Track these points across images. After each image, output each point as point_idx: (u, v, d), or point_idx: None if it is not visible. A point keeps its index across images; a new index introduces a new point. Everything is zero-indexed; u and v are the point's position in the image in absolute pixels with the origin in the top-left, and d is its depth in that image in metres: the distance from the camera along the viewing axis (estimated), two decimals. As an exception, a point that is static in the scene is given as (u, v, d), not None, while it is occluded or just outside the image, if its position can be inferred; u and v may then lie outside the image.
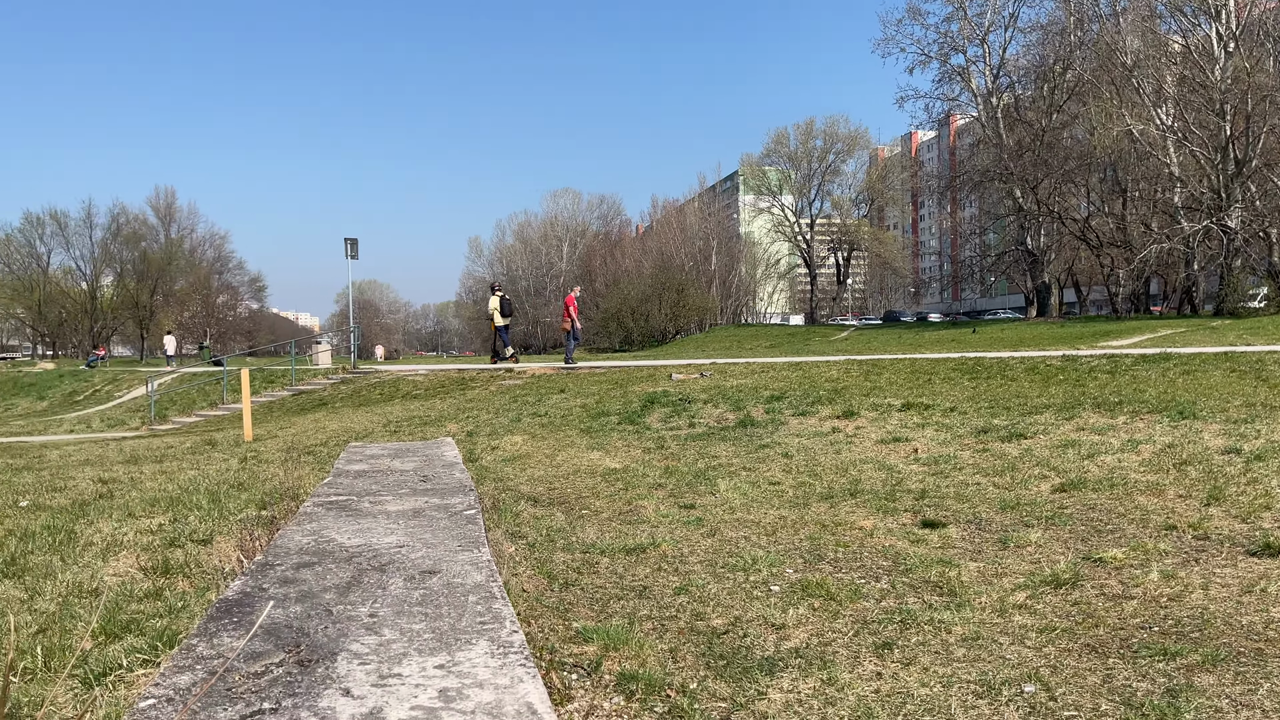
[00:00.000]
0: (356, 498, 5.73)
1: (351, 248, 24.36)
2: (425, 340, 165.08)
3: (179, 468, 9.51)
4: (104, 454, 11.99)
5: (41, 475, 9.27)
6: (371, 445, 9.99)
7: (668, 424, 10.60)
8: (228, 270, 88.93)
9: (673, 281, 67.04)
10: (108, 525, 6.33)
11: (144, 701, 2.27)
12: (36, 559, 5.40)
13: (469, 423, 12.06)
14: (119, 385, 33.09)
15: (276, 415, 19.11)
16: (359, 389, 20.99)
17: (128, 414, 25.00)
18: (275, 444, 11.65)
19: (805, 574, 4.66)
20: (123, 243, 77.64)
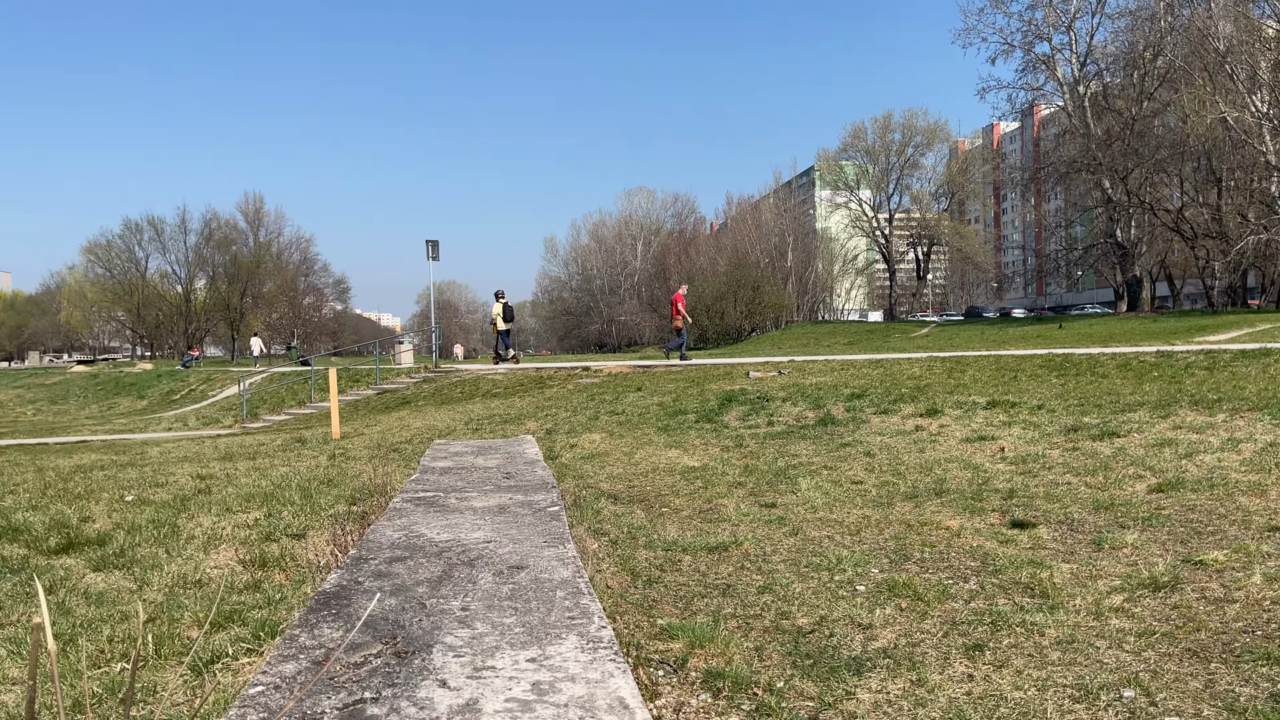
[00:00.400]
0: (443, 494, 5.85)
1: (433, 249, 24.82)
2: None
3: (271, 464, 9.81)
4: (200, 451, 12.42)
5: (144, 471, 9.65)
6: (455, 443, 10.17)
7: (746, 422, 10.56)
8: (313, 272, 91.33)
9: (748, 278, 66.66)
10: (207, 519, 6.57)
11: (253, 689, 2.36)
12: (143, 551, 5.64)
13: (548, 420, 12.19)
14: (212, 385, 34.28)
15: (362, 413, 19.59)
16: (440, 387, 21.38)
17: (221, 412, 25.89)
18: (362, 441, 11.93)
19: (891, 574, 4.60)
20: (215, 247, 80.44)
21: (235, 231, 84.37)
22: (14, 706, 3.20)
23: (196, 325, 79.96)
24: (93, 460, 11.55)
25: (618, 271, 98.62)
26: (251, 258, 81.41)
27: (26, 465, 11.27)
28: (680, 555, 5.11)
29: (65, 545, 5.88)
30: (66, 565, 5.40)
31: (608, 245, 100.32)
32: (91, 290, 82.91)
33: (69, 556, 5.66)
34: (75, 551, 5.75)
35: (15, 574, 5.18)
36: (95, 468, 10.44)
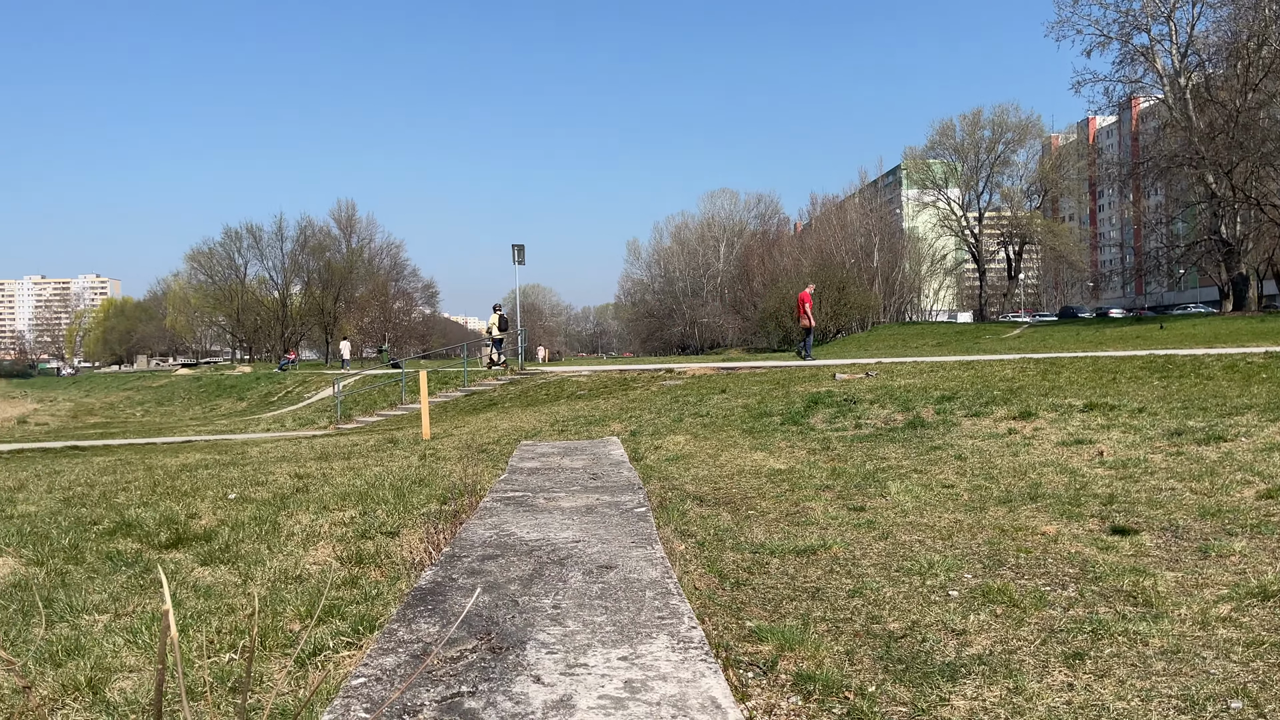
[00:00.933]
0: (531, 494, 5.93)
1: (518, 253, 25.17)
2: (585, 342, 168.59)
3: (365, 464, 10.07)
4: (297, 451, 12.82)
5: (245, 470, 10.01)
6: (541, 444, 10.30)
7: (833, 425, 10.44)
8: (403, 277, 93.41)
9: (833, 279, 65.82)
10: (306, 517, 6.79)
11: (355, 680, 2.44)
12: (246, 547, 5.86)
13: (632, 422, 12.24)
14: (308, 387, 35.36)
15: (451, 415, 19.97)
16: (526, 389, 21.66)
17: (316, 413, 26.69)
18: (451, 442, 12.16)
19: (985, 579, 4.50)
20: (309, 253, 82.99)
21: (329, 238, 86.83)
22: (131, 692, 3.37)
23: (292, 329, 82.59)
24: (197, 459, 12.02)
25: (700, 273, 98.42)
26: (344, 263, 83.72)
27: (137, 464, 11.80)
28: (768, 558, 5.08)
29: (175, 540, 6.14)
30: (176, 559, 5.65)
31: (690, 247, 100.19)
32: (194, 296, 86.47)
33: (178, 551, 5.91)
34: (184, 546, 6.01)
35: (130, 567, 5.43)
36: (200, 467, 10.86)
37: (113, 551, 5.87)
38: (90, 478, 10.18)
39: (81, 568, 5.49)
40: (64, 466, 12.00)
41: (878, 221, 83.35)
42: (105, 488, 9.05)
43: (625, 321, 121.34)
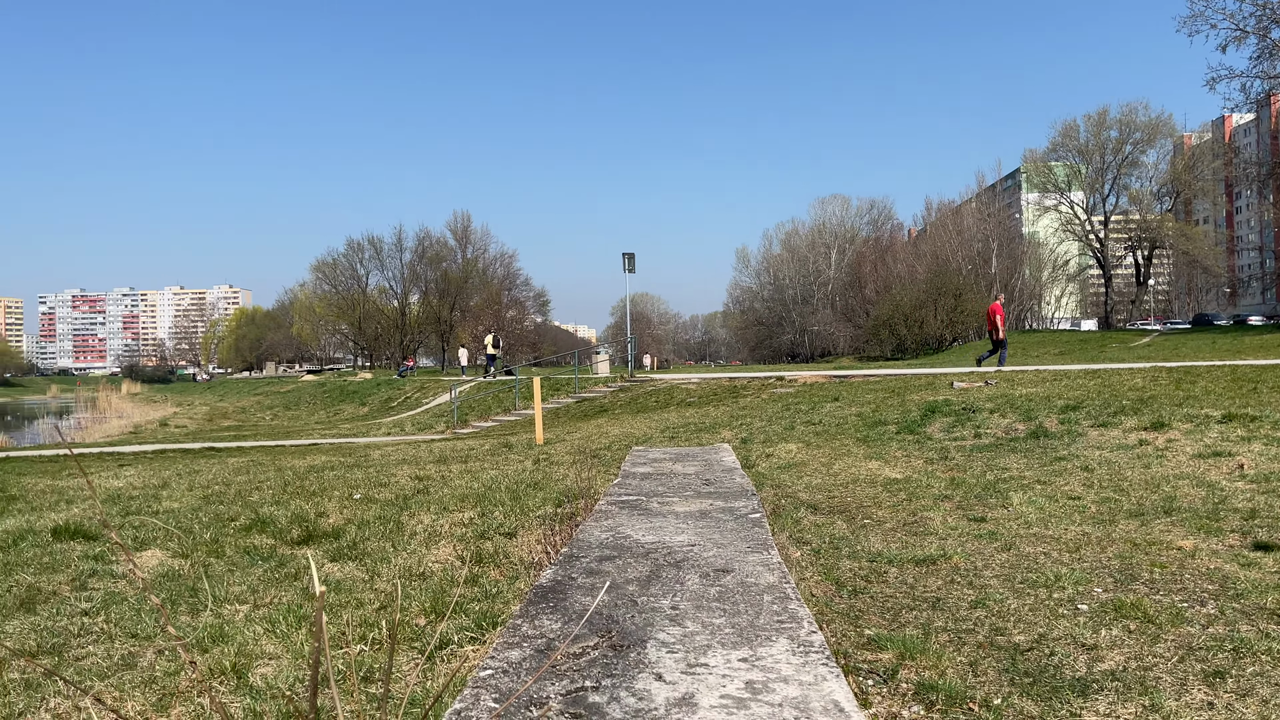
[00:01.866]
0: (645, 498, 5.99)
1: (629, 262, 25.39)
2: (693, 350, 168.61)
3: (481, 467, 10.32)
4: (417, 454, 13.23)
5: (369, 472, 10.38)
6: (653, 450, 10.36)
7: (951, 434, 10.18)
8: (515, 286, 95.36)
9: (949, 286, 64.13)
10: (427, 517, 7.00)
11: (483, 671, 2.52)
12: (372, 545, 6.09)
13: (742, 430, 12.20)
14: (425, 393, 36.40)
15: (562, 420, 20.27)
16: (636, 396, 21.81)
17: (434, 418, 27.45)
18: (564, 447, 12.34)
19: (1116, 594, 4.33)
20: (427, 264, 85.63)
21: (445, 249, 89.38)
22: (272, 677, 3.54)
23: (410, 337, 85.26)
24: (323, 461, 12.54)
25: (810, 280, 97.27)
26: (460, 273, 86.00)
27: (268, 465, 12.38)
28: (885, 567, 5.00)
29: (305, 537, 6.43)
30: (307, 555, 5.90)
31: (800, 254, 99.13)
32: (319, 305, 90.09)
33: (309, 548, 6.18)
34: (314, 543, 6.28)
35: (265, 561, 5.71)
36: (326, 468, 11.32)
37: (250, 546, 6.18)
38: (226, 477, 10.72)
39: (222, 561, 5.80)
40: (202, 466, 12.68)
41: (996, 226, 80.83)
42: (240, 487, 9.53)
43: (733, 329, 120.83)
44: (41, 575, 5.46)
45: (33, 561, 5.85)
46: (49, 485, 10.42)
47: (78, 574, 5.45)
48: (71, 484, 10.48)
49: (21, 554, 6.10)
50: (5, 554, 6.15)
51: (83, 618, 4.53)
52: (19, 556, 6.02)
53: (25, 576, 5.41)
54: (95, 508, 8.14)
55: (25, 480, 11.18)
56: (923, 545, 5.47)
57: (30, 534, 6.83)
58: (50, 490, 9.87)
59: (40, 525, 7.23)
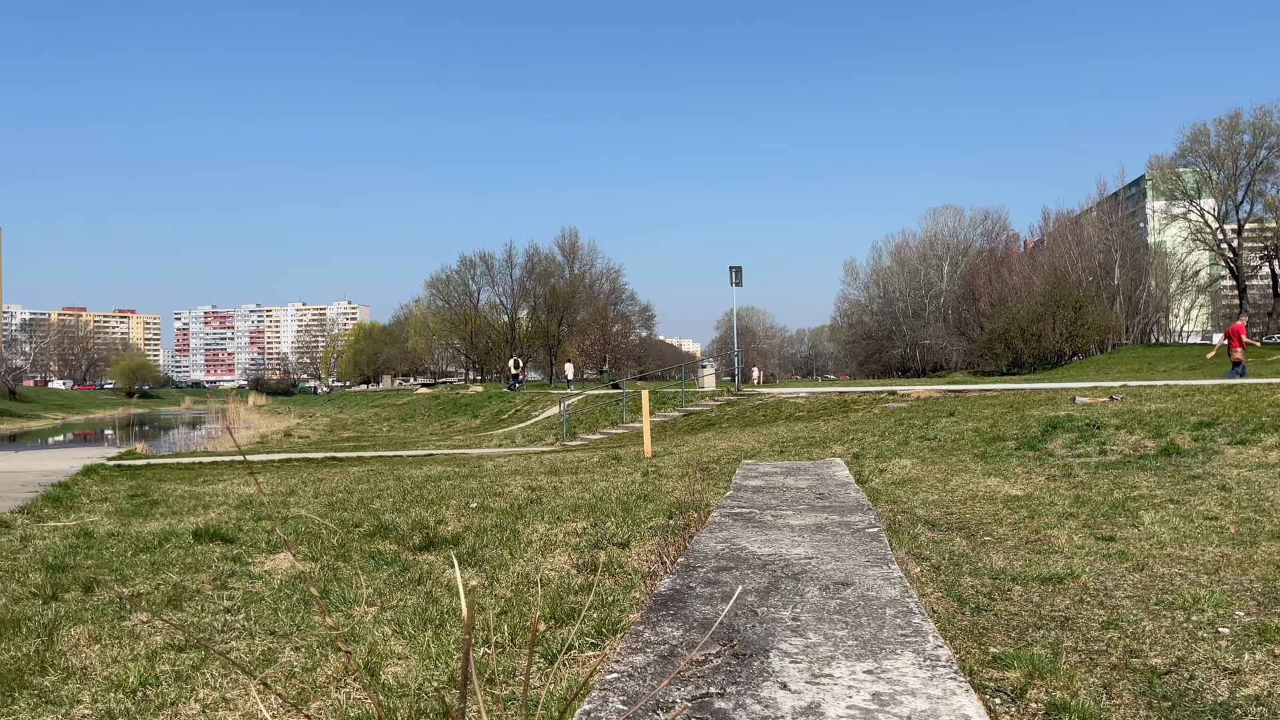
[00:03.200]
0: (759, 510, 5.97)
1: (736, 275, 25.33)
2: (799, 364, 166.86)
3: (591, 479, 10.45)
4: (528, 465, 13.47)
5: (483, 482, 10.63)
6: (763, 463, 10.31)
7: (1074, 450, 9.82)
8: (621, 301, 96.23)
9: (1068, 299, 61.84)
10: (541, 526, 7.14)
11: (609, 675, 2.57)
12: (490, 552, 6.24)
13: (854, 444, 12.03)
14: (535, 406, 37.04)
15: (670, 434, 20.33)
16: (743, 410, 21.72)
17: (543, 431, 27.89)
18: (672, 460, 12.39)
19: (1260, 617, 4.10)
20: (536, 279, 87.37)
21: (553, 265, 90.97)
22: (403, 675, 3.67)
23: (520, 351, 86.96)
24: (439, 472, 12.89)
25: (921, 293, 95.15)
26: (567, 288, 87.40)
27: (387, 474, 12.80)
28: (1009, 584, 4.86)
29: (426, 544, 6.63)
30: (429, 561, 6.10)
31: (911, 266, 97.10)
32: (433, 320, 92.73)
33: (429, 554, 6.38)
34: (435, 550, 6.47)
35: (390, 566, 5.92)
36: (442, 478, 11.65)
37: (374, 551, 6.41)
38: (348, 485, 11.14)
39: (349, 565, 6.03)
40: (325, 475, 13.19)
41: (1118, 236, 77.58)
42: (362, 495, 9.89)
43: (841, 344, 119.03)
44: (186, 574, 5.78)
45: (177, 561, 6.20)
46: (187, 491, 11.01)
47: (218, 574, 5.76)
48: (208, 490, 11.04)
49: (167, 554, 6.47)
50: (152, 554, 6.54)
51: (225, 615, 4.78)
52: (164, 557, 6.39)
53: (171, 575, 5.75)
54: (262, 507, 8.57)
55: (165, 486, 11.83)
56: (1047, 564, 5.30)
57: (173, 536, 7.24)
58: (188, 496, 10.43)
59: (182, 528, 7.66)
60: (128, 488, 11.51)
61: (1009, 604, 4.51)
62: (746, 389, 28.17)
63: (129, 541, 7.12)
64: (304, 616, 4.68)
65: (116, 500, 10.02)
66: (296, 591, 5.23)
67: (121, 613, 4.91)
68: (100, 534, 7.59)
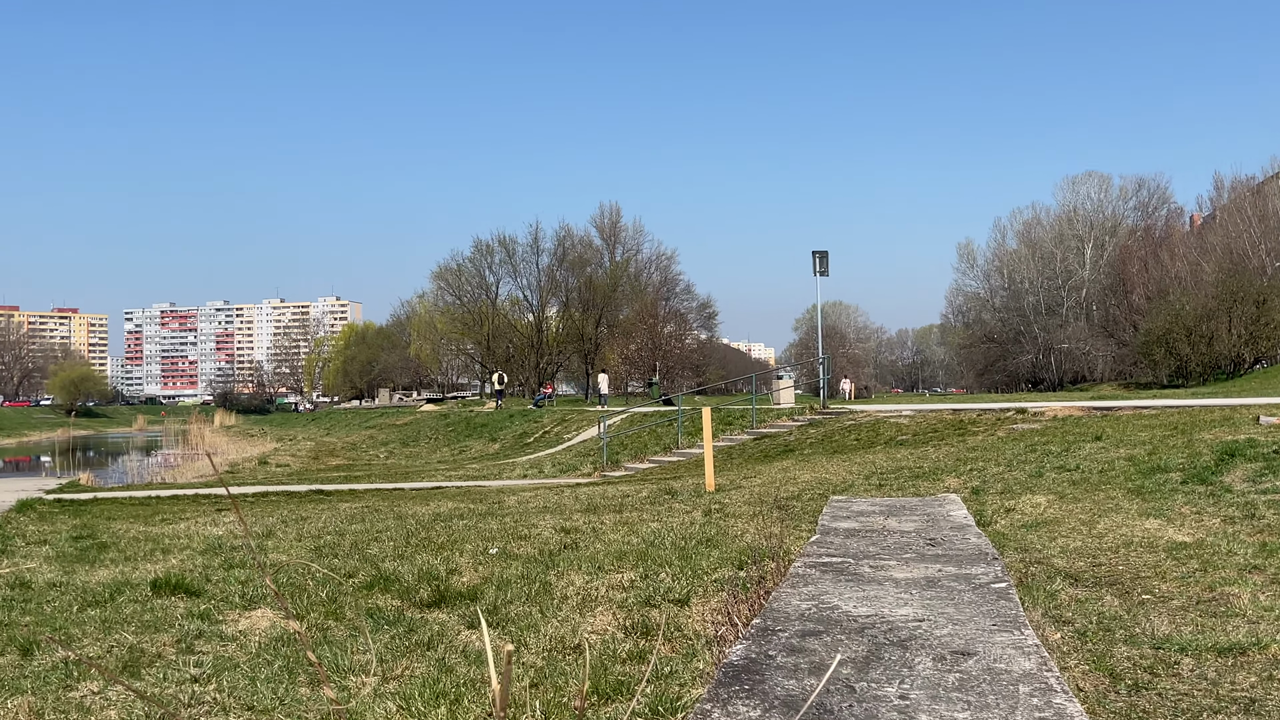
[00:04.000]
0: (853, 560, 5.95)
1: (820, 261, 25.29)
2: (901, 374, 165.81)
3: (639, 518, 10.49)
4: (561, 501, 13.56)
5: (505, 522, 10.73)
6: (857, 499, 10.28)
7: (1258, 485, 9.64)
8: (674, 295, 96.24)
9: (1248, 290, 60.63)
10: (579, 578, 7.18)
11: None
12: (515, 609, 6.29)
13: (973, 476, 11.94)
14: (568, 427, 37.25)
15: (737, 462, 20.31)
16: (830, 432, 21.63)
17: (578, 458, 28.05)
18: (741, 495, 12.39)
19: None
20: (568, 268, 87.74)
21: (590, 250, 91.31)
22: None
23: (548, 359, 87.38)
24: (450, 508, 13.03)
25: (1057, 284, 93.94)
26: (607, 280, 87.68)
27: (386, 512, 12.96)
28: (1176, 656, 4.79)
29: (436, 599, 6.71)
30: (440, 620, 6.16)
31: (1044, 250, 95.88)
32: (441, 320, 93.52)
33: (441, 611, 6.45)
34: (447, 606, 6.54)
35: (392, 625, 5.99)
36: (454, 516, 11.77)
37: (372, 608, 6.50)
38: (339, 526, 11.30)
39: (341, 624, 6.11)
40: (310, 512, 13.39)
41: (1314, 209, 75.96)
42: (356, 537, 10.02)
43: (954, 347, 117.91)
44: (144, 634, 5.91)
45: (133, 618, 6.34)
46: (142, 532, 11.25)
47: (183, 634, 5.87)
48: (168, 531, 11.27)
49: (120, 610, 6.62)
50: (102, 609, 6.69)
51: (192, 685, 4.87)
52: (118, 613, 6.53)
53: (126, 635, 5.87)
54: (236, 551, 8.73)
55: (116, 526, 12.09)
56: (1226, 629, 5.21)
57: (128, 587, 7.40)
58: (144, 538, 10.65)
59: (137, 577, 7.83)
60: (71, 527, 11.79)
61: (1176, 681, 4.45)
62: (834, 405, 28.05)
63: (74, 594, 7.29)
64: (289, 688, 4.76)
65: (58, 543, 10.27)
66: (278, 656, 5.31)
67: (68, 681, 5.02)
68: (39, 584, 7.78)
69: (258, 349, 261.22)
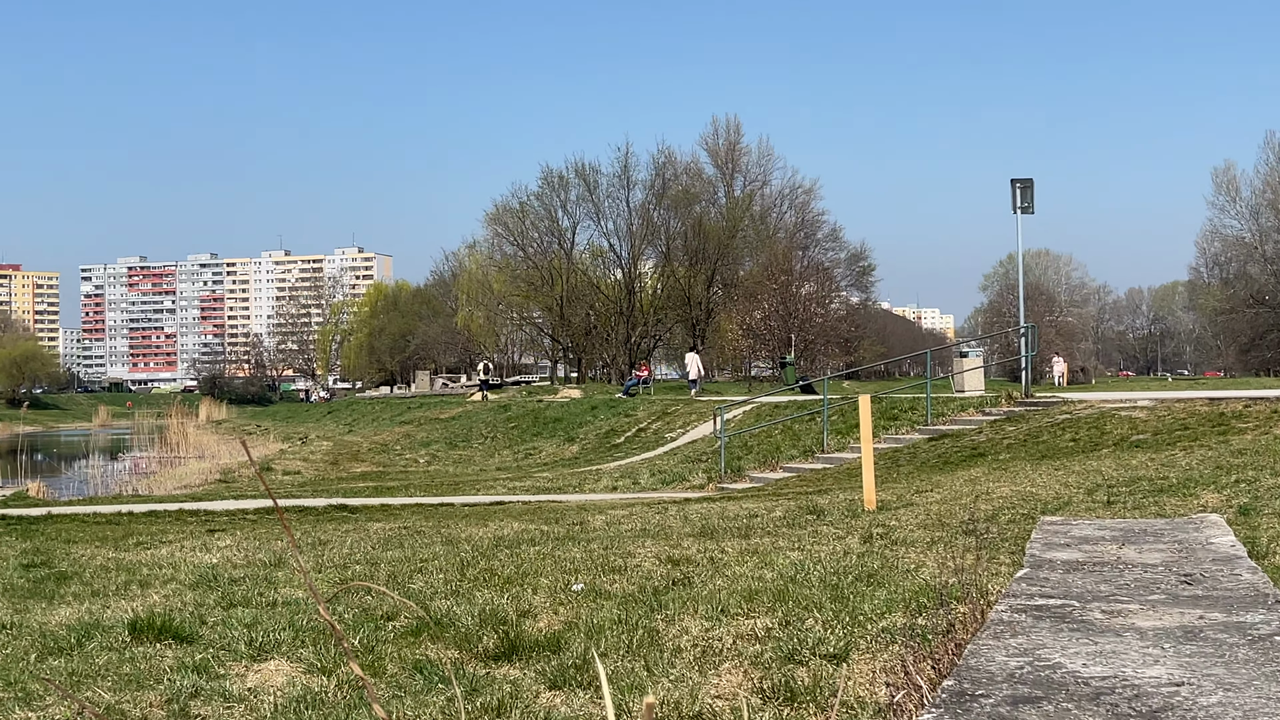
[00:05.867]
0: (1078, 603, 5.89)
1: (1021, 194, 24.90)
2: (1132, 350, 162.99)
3: (773, 546, 10.49)
4: (664, 522, 13.61)
5: (590, 549, 10.80)
6: (1077, 521, 10.15)
7: None
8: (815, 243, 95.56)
9: None
10: (695, 624, 7.21)
11: None
12: (612, 664, 6.33)
13: (1240, 491, 11.73)
14: (670, 422, 37.34)
15: (906, 469, 20.18)
16: (1036, 430, 21.35)
17: (686, 465, 28.11)
18: (912, 515, 12.33)
19: None
20: (669, 207, 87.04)
21: (699, 182, 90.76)
22: None
23: (642, 330, 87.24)
24: (516, 530, 13.16)
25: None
26: (723, 222, 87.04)
27: (431, 534, 13.15)
28: None
29: (506, 649, 6.78)
30: (512, 678, 6.23)
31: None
32: (499, 278, 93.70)
33: (512, 665, 6.52)
34: (520, 658, 6.61)
35: (448, 684, 6.07)
36: (522, 541, 11.89)
37: (420, 660, 6.59)
38: (370, 552, 11.49)
39: (381, 680, 6.22)
40: (331, 534, 13.65)
41: None
42: (394, 567, 10.18)
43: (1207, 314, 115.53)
44: (123, 692, 6.07)
45: (108, 671, 6.52)
46: (111, 559, 11.57)
47: (174, 693, 6.02)
48: (145, 558, 11.58)
49: (91, 660, 6.81)
50: (68, 659, 6.89)
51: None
52: (88, 664, 6.72)
53: (101, 693, 6.05)
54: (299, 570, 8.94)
55: (77, 550, 12.45)
56: None
57: (99, 630, 7.61)
58: (115, 566, 10.95)
59: (110, 618, 8.04)
60: (20, 552, 12.14)
61: None
62: (1040, 393, 27.73)
63: (30, 638, 7.50)
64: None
65: (4, 572, 10.58)
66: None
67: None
68: (-16, 626, 8.04)
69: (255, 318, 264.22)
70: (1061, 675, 4.33)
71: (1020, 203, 25.05)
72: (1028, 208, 25.15)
